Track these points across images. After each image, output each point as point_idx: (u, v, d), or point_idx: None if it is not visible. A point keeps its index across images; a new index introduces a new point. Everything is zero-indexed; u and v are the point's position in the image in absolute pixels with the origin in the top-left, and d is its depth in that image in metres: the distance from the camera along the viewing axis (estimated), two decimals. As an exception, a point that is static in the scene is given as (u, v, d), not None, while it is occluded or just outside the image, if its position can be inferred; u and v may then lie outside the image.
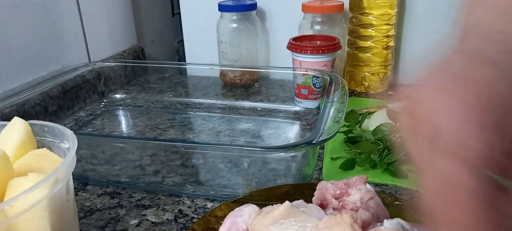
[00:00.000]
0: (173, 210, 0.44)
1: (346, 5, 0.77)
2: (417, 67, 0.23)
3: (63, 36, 0.74)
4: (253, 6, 0.80)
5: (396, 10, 0.73)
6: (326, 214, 0.32)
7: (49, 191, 0.27)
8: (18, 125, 0.34)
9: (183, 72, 0.93)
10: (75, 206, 0.33)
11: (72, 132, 0.33)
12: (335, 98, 0.51)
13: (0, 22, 0.61)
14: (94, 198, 0.47)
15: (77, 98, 0.72)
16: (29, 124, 0.34)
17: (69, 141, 0.33)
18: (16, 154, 0.32)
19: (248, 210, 0.35)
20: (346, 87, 0.55)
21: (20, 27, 0.65)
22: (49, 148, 0.34)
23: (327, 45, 0.69)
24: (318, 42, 0.72)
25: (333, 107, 0.48)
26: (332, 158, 0.53)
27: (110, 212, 0.44)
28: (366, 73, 0.77)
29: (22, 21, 0.65)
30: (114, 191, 0.48)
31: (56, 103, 0.67)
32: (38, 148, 0.34)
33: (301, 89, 0.69)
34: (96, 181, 0.50)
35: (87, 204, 0.46)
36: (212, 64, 0.83)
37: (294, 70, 0.71)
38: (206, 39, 0.89)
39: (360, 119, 0.56)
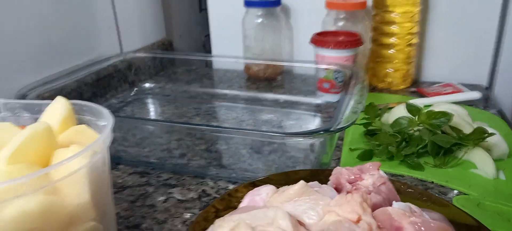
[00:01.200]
0: (197, 189, 0.48)
1: (369, 2, 0.78)
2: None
3: (98, 28, 0.79)
4: (278, 2, 0.82)
5: (419, 7, 0.74)
6: (339, 196, 0.34)
7: (88, 160, 0.31)
8: (60, 103, 0.37)
9: (209, 65, 0.96)
10: (110, 177, 0.37)
11: (108, 110, 0.36)
12: (355, 91, 0.53)
13: (40, 13, 0.66)
14: (126, 176, 0.51)
15: (109, 86, 0.76)
16: (70, 102, 0.38)
17: (106, 119, 0.36)
18: (59, 129, 0.36)
19: (266, 190, 0.37)
20: (366, 81, 0.56)
21: (59, 18, 0.70)
22: (88, 125, 0.38)
23: (350, 40, 0.70)
24: (341, 37, 0.74)
25: (352, 99, 0.50)
26: (350, 149, 0.55)
27: (139, 189, 0.48)
28: (388, 70, 0.78)
29: (60, 12, 0.70)
30: (144, 170, 0.52)
31: (90, 90, 0.71)
32: (78, 124, 0.38)
33: (323, 83, 0.71)
34: (128, 161, 0.54)
35: (119, 181, 0.50)
36: (237, 57, 0.86)
37: (316, 64, 0.72)
38: (232, 34, 0.91)
39: (379, 112, 0.57)
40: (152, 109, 0.76)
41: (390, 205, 0.35)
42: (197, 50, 1.18)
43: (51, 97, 0.62)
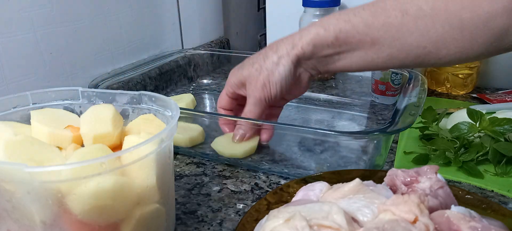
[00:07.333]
0: (250, 182, 0.49)
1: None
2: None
3: (163, 26, 0.84)
4: (337, 2, 0.82)
5: (487, 9, 0.70)
6: (394, 197, 0.34)
7: (157, 146, 0.33)
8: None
9: (263, 63, 0.97)
10: (173, 165, 0.39)
11: (175, 102, 0.39)
12: (413, 94, 0.52)
13: (113, 11, 0.71)
14: (183, 166, 0.54)
15: (170, 81, 0.80)
16: (141, 93, 0.41)
17: (172, 110, 0.39)
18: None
19: (319, 186, 0.38)
20: (426, 85, 0.55)
21: (129, 16, 0.75)
22: (155, 115, 0.41)
23: (409, 42, 0.68)
24: (400, 39, 0.72)
25: (410, 102, 0.49)
26: (405, 152, 0.54)
27: (196, 178, 0.51)
28: (449, 74, 0.75)
29: (131, 11, 0.75)
30: (200, 161, 0.55)
31: (153, 83, 0.76)
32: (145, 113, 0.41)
33: (379, 85, 0.70)
34: (185, 152, 0.57)
35: (177, 170, 0.53)
36: (292, 57, 0.86)
37: (372, 66, 0.71)
38: (288, 33, 0.92)
39: (437, 116, 0.56)
40: (208, 104, 0.79)
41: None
42: (253, 49, 1.21)
43: (119, 88, 0.67)
